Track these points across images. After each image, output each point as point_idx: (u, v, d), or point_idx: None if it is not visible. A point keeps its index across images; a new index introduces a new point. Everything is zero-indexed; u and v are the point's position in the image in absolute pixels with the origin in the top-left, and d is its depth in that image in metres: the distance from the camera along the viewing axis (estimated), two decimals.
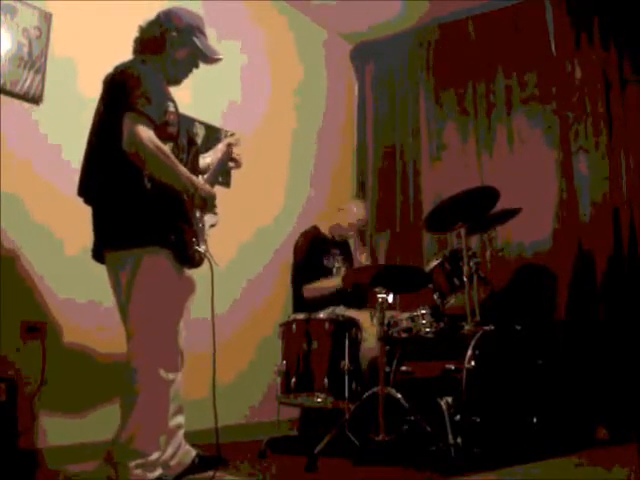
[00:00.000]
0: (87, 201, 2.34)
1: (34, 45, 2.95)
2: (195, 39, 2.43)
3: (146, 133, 2.14)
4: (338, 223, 3.95)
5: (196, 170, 2.48)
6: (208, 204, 2.35)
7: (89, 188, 2.33)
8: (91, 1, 3.19)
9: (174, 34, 2.40)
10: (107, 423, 2.83)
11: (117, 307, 2.36)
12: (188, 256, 2.30)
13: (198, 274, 2.41)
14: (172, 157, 2.21)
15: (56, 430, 2.85)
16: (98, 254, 2.35)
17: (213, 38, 2.61)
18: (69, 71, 3.10)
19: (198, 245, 2.33)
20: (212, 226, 2.48)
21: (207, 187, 2.36)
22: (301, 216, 4.31)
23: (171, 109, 2.33)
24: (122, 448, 2.18)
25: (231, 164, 2.65)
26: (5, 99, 2.84)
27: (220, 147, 2.66)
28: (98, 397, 2.99)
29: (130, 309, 2.25)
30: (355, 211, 3.95)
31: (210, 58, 2.49)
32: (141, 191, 2.21)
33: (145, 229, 2.22)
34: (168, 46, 2.40)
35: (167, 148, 2.22)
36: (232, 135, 2.73)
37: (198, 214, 2.39)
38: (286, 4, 4.52)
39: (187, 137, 2.50)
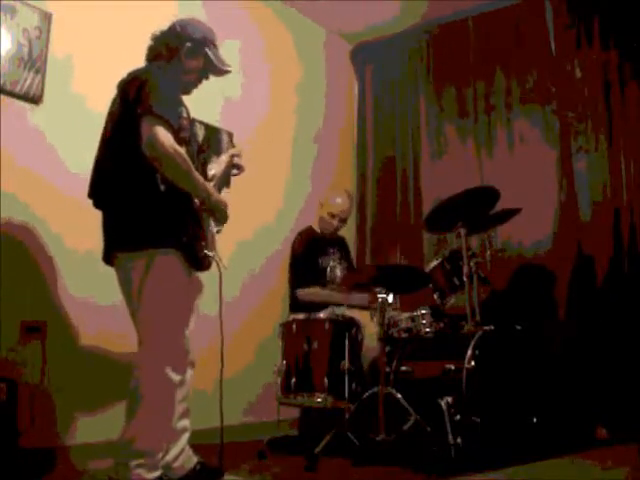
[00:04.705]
0: (97, 203, 2.34)
1: (34, 45, 2.95)
2: (208, 50, 2.48)
3: (166, 136, 2.16)
4: (321, 216, 3.93)
5: (205, 178, 2.49)
6: (219, 212, 2.40)
7: (102, 190, 2.33)
8: (91, 1, 3.20)
9: (189, 44, 2.44)
10: (107, 423, 2.83)
11: (127, 308, 2.36)
12: (198, 259, 2.32)
13: (202, 274, 2.42)
14: (189, 162, 2.24)
15: (55, 430, 2.84)
16: (108, 256, 2.35)
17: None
18: (69, 71, 3.09)
19: (208, 249, 2.35)
20: (218, 232, 2.51)
21: (219, 195, 2.41)
22: (301, 216, 4.30)
23: (184, 114, 2.36)
24: (124, 447, 2.17)
25: (234, 171, 2.72)
26: (5, 99, 2.84)
27: (224, 158, 2.72)
28: (98, 397, 2.99)
29: (141, 309, 2.25)
30: (339, 202, 3.88)
31: (220, 70, 2.54)
32: (155, 193, 2.23)
33: (158, 230, 2.23)
34: (182, 55, 2.44)
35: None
36: (234, 146, 2.79)
37: (208, 220, 2.42)
38: (286, 4, 4.52)
39: (197, 145, 2.53)
